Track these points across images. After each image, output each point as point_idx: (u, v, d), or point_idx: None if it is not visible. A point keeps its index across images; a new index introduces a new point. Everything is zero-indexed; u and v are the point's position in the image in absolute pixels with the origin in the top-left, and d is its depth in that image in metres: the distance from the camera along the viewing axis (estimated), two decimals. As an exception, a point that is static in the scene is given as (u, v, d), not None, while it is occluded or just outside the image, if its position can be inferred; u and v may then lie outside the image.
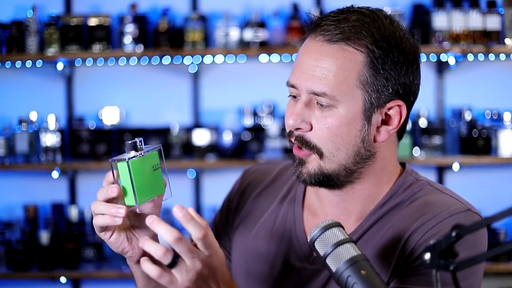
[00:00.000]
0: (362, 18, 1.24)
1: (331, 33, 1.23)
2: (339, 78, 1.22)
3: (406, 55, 1.24)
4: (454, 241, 0.92)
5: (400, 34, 1.25)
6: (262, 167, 1.51)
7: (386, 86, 1.23)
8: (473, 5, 3.26)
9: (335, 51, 1.22)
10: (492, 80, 3.49)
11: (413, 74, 1.26)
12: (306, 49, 1.26)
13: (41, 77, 3.52)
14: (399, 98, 1.25)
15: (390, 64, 1.23)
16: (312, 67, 1.23)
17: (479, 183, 3.48)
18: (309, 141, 1.24)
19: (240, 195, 1.47)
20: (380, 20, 1.24)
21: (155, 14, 3.46)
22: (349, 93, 1.22)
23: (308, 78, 1.23)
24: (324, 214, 1.33)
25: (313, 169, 1.26)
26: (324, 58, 1.23)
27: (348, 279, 1.06)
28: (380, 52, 1.22)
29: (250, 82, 3.51)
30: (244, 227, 1.44)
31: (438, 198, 1.27)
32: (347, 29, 1.22)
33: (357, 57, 1.22)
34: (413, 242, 1.23)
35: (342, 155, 1.24)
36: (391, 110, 1.26)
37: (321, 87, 1.22)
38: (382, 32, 1.23)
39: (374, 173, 1.28)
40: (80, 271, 3.33)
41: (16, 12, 3.47)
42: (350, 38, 1.22)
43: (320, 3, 3.43)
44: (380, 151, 1.28)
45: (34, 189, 3.53)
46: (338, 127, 1.23)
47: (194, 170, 3.46)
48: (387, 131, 1.26)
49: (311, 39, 1.26)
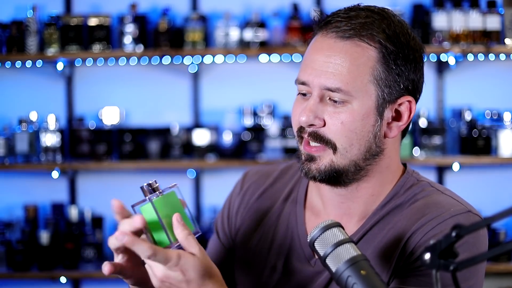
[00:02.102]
0: (372, 15, 1.25)
1: (343, 29, 1.23)
2: (353, 73, 1.22)
3: (415, 53, 1.26)
4: (454, 241, 0.92)
5: (409, 32, 1.27)
6: (262, 169, 1.51)
7: (397, 82, 1.24)
8: (473, 5, 3.26)
9: (348, 47, 1.23)
10: (492, 80, 3.49)
11: (420, 72, 1.28)
12: (317, 45, 1.26)
13: (41, 77, 3.52)
14: (409, 94, 1.27)
15: (402, 60, 1.24)
16: (325, 63, 1.23)
17: (479, 183, 3.48)
18: (323, 136, 1.24)
19: (241, 197, 1.47)
20: (389, 17, 1.26)
21: (155, 14, 3.46)
22: (363, 88, 1.22)
23: (321, 74, 1.23)
24: (326, 214, 1.33)
25: (323, 165, 1.25)
26: (337, 54, 1.23)
27: (348, 279, 1.06)
28: (392, 48, 1.23)
29: (250, 82, 3.51)
30: (247, 229, 1.44)
31: (439, 199, 1.28)
32: (359, 25, 1.23)
33: (371, 53, 1.23)
34: (414, 242, 1.23)
35: (354, 151, 1.25)
36: (401, 106, 1.27)
37: (335, 83, 1.22)
38: (392, 28, 1.24)
39: (380, 171, 1.29)
40: (80, 271, 3.33)
41: (16, 12, 3.47)
42: (363, 34, 1.23)
43: (320, 3, 3.43)
44: (388, 148, 1.28)
45: (34, 189, 3.53)
46: (352, 122, 1.23)
47: (194, 170, 3.46)
48: (397, 126, 1.28)
49: (322, 36, 1.26)
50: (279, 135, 3.30)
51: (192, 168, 3.42)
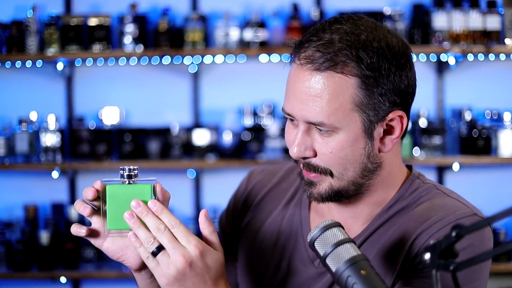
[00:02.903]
0: (345, 36, 1.20)
1: (318, 62, 1.20)
2: (334, 105, 1.20)
3: (398, 61, 1.22)
4: (454, 241, 0.92)
5: (387, 41, 1.22)
6: (267, 168, 1.51)
7: (382, 102, 1.21)
8: (473, 5, 3.26)
9: (325, 79, 1.20)
10: (492, 80, 3.49)
11: (408, 77, 1.24)
12: (295, 76, 1.24)
13: (41, 77, 3.52)
14: (398, 107, 1.24)
15: (383, 79, 1.20)
16: (305, 96, 1.21)
17: (479, 183, 3.48)
18: (316, 166, 1.24)
19: (246, 196, 1.47)
20: (364, 32, 1.21)
21: (155, 14, 3.46)
22: (346, 117, 1.20)
23: (302, 108, 1.22)
24: (331, 216, 1.34)
25: (323, 189, 1.26)
26: (315, 87, 1.20)
27: (348, 279, 1.06)
28: (370, 71, 1.19)
29: (250, 82, 3.51)
30: (250, 228, 1.44)
31: (444, 202, 1.27)
32: (333, 54, 1.19)
33: (348, 82, 1.19)
34: (419, 244, 1.23)
35: (350, 173, 1.24)
36: (392, 121, 1.25)
37: (317, 117, 1.20)
38: (368, 47, 1.20)
39: (382, 180, 1.29)
40: (80, 271, 3.33)
41: (16, 12, 3.46)
42: (338, 64, 1.19)
43: (320, 3, 3.43)
44: (386, 160, 1.28)
45: (34, 189, 3.53)
46: (341, 150, 1.22)
47: (194, 170, 3.46)
48: (391, 140, 1.26)
49: (298, 66, 1.23)
50: (279, 135, 3.30)
51: (192, 168, 3.42)
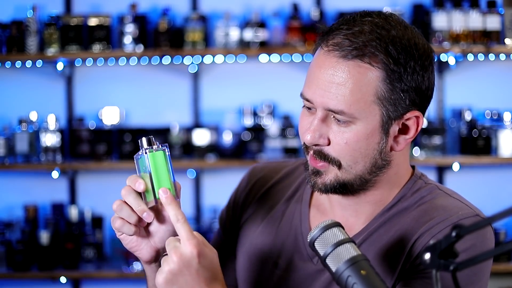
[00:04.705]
0: (376, 29, 1.20)
1: (346, 49, 1.20)
2: (356, 95, 1.20)
3: (423, 62, 1.22)
4: (454, 241, 0.92)
5: (415, 41, 1.22)
6: (270, 165, 1.51)
7: (403, 99, 1.21)
8: (473, 5, 3.26)
9: (351, 68, 1.20)
10: (492, 80, 3.49)
11: (429, 79, 1.24)
12: (320, 62, 1.23)
13: (41, 77, 3.52)
14: (416, 107, 1.24)
15: (407, 75, 1.21)
16: (327, 83, 1.21)
17: (479, 183, 3.48)
18: (327, 155, 1.24)
19: (248, 192, 1.47)
20: (395, 28, 1.22)
21: (155, 14, 3.46)
22: (367, 109, 1.20)
23: (323, 95, 1.21)
24: (333, 214, 1.34)
25: (329, 180, 1.25)
26: (340, 75, 1.20)
27: (348, 279, 1.06)
28: (396, 66, 1.20)
29: (250, 82, 3.51)
30: (250, 224, 1.44)
31: (446, 202, 1.27)
32: (362, 44, 1.19)
33: (374, 73, 1.19)
34: (420, 245, 1.23)
35: (359, 167, 1.24)
36: (409, 121, 1.24)
37: (338, 105, 1.20)
38: (397, 43, 1.20)
39: (388, 178, 1.28)
40: (80, 271, 3.33)
41: (16, 12, 3.46)
42: (366, 54, 1.19)
43: (320, 3, 3.43)
44: (395, 159, 1.28)
45: (34, 189, 3.53)
46: (357, 142, 1.22)
47: (194, 170, 3.46)
48: (404, 140, 1.26)
49: (325, 52, 1.22)
50: (279, 135, 3.30)
51: (192, 168, 3.42)
